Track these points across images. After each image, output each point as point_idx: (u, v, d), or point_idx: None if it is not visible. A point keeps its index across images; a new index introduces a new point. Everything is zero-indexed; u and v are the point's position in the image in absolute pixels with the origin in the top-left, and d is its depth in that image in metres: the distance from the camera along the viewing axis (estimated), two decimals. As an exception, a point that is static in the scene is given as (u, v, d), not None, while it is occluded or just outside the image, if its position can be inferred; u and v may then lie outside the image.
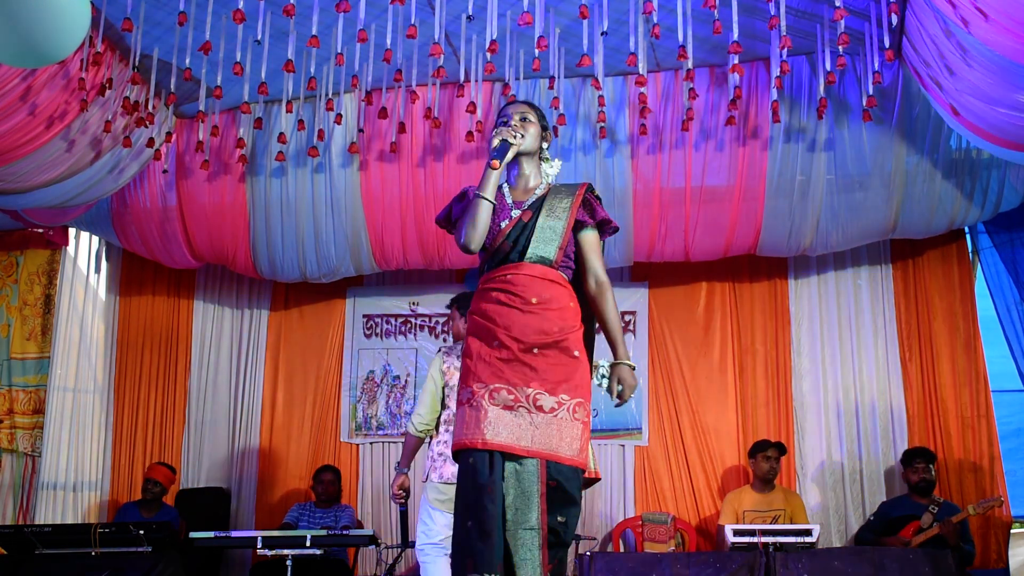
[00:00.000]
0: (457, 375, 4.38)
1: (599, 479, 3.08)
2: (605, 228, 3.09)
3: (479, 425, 2.83)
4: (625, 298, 7.02)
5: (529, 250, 2.98)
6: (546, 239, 2.99)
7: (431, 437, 4.50)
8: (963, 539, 5.69)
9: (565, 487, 2.79)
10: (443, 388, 4.44)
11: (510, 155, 2.99)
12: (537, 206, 3.06)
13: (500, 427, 2.81)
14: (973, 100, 4.37)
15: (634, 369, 2.89)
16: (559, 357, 2.88)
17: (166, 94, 5.54)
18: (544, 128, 3.16)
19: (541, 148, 3.15)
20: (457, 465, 3.65)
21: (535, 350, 2.87)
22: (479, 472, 2.80)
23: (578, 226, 3.04)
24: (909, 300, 6.72)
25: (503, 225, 3.04)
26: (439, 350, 4.61)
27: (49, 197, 5.88)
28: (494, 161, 2.94)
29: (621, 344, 2.95)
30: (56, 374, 7.10)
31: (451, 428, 4.36)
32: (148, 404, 7.31)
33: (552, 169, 3.18)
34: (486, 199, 2.96)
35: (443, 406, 4.44)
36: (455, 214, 3.14)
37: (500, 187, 3.12)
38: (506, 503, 2.78)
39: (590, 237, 3.06)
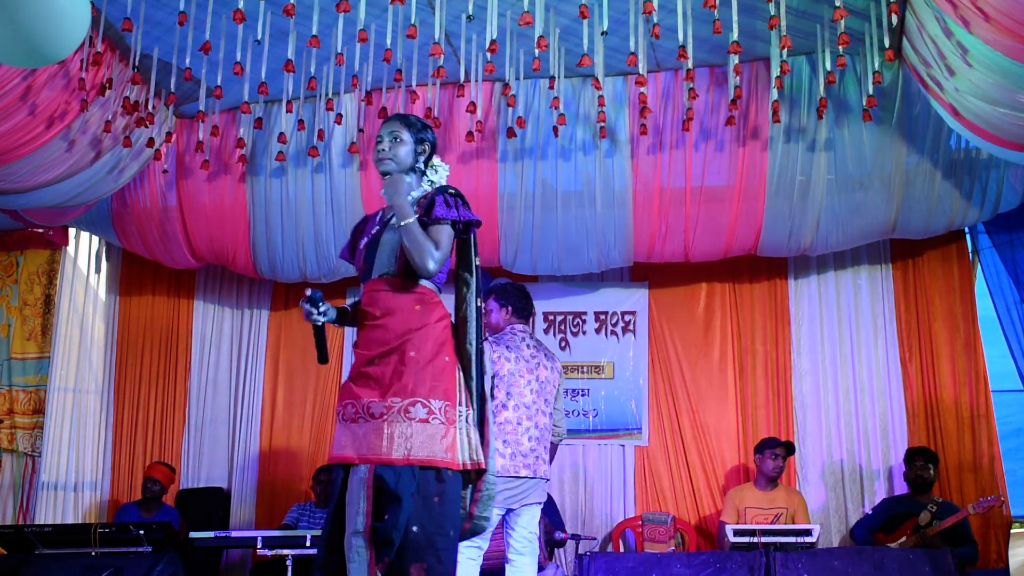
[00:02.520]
0: (506, 365, 4.38)
1: (483, 469, 3.07)
2: (456, 226, 3.05)
3: (333, 442, 3.03)
4: (625, 298, 7.03)
5: (375, 266, 3.10)
6: (388, 251, 3.08)
7: None
8: (963, 541, 5.69)
9: (390, 487, 2.86)
10: (492, 378, 4.38)
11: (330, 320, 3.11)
12: (389, 220, 3.13)
13: (344, 441, 2.97)
14: (973, 100, 4.37)
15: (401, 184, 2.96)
16: (396, 362, 2.96)
17: (166, 94, 5.54)
18: (420, 141, 3.17)
19: (417, 160, 3.16)
20: (505, 459, 4.21)
21: (376, 361, 2.97)
22: (333, 485, 3.05)
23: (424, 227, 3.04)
24: (909, 300, 6.72)
25: (361, 245, 3.17)
26: (484, 339, 4.56)
27: (49, 197, 5.88)
28: (320, 362, 3.15)
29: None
30: (56, 374, 7.10)
31: (499, 422, 4.34)
32: (148, 404, 7.31)
33: (437, 175, 3.21)
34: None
35: (491, 396, 4.38)
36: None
37: (385, 208, 3.24)
38: (347, 511, 2.93)
39: (431, 228, 3.02)
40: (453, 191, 3.08)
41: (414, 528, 2.85)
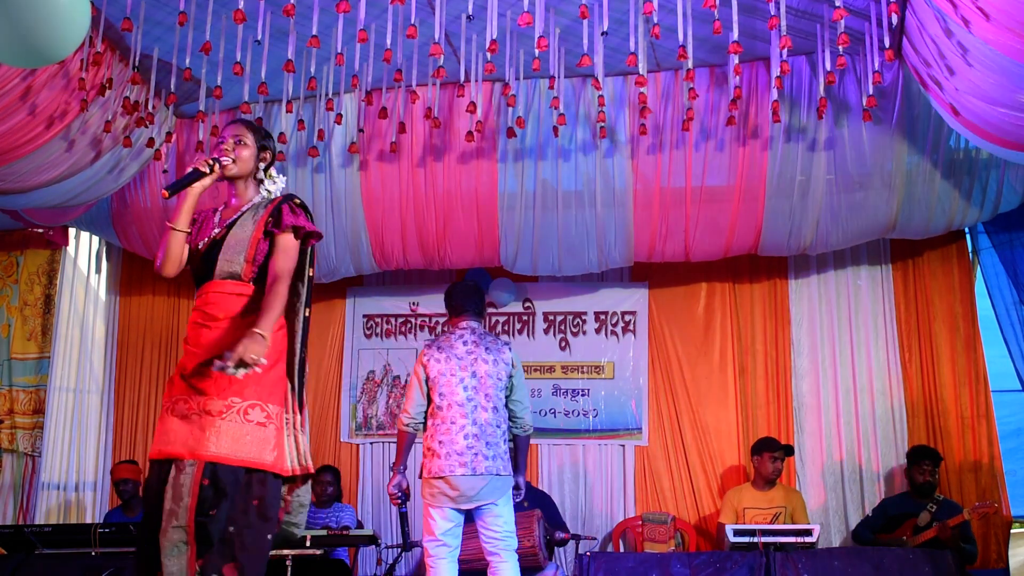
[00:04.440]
0: (436, 367, 4.43)
1: (311, 473, 3.15)
2: (300, 234, 3.15)
3: (157, 436, 3.01)
4: (625, 298, 7.03)
5: (217, 267, 3.12)
6: (233, 254, 3.12)
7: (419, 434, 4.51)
8: (964, 540, 5.69)
9: (219, 485, 2.88)
10: (426, 381, 4.46)
11: (198, 186, 3.12)
12: (232, 223, 3.18)
13: (172, 436, 2.96)
14: (973, 100, 4.36)
15: (265, 339, 2.87)
16: None
17: (166, 94, 5.53)
18: (263, 149, 3.28)
19: (258, 168, 3.27)
20: (440, 459, 4.25)
21: (216, 361, 2.93)
22: (150, 481, 3.00)
23: (269, 236, 3.13)
24: (909, 300, 6.73)
25: (200, 246, 3.19)
26: (425, 344, 4.65)
27: (49, 197, 5.88)
28: (164, 191, 3.10)
29: (263, 317, 2.94)
30: (56, 374, 7.10)
31: (436, 423, 4.40)
32: (148, 404, 7.30)
33: (275, 186, 3.30)
34: (174, 229, 3.14)
35: (428, 400, 4.46)
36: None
37: (216, 209, 3.28)
38: (164, 507, 2.89)
39: (280, 240, 3.13)
40: (299, 201, 3.21)
41: (231, 528, 2.90)
